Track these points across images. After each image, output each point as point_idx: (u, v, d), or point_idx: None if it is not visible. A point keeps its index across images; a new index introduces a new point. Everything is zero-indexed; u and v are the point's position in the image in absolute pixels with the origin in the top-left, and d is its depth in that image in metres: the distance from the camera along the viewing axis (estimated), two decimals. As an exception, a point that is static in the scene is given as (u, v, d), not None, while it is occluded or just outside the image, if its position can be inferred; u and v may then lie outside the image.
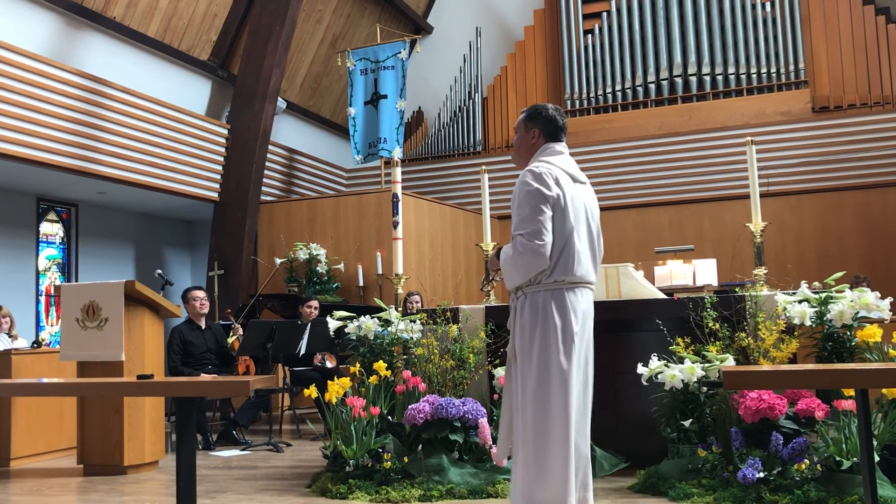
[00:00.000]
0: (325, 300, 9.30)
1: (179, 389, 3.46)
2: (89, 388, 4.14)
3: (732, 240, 9.79)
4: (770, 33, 11.44)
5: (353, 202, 10.34)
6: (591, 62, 12.27)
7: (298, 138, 12.37)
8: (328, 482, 4.81)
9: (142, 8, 9.19)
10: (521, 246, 3.28)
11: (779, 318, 4.66)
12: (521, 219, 3.33)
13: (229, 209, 10.25)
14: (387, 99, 10.68)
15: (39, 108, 7.76)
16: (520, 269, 3.31)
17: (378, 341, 5.35)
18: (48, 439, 6.65)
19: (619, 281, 5.62)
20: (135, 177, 8.98)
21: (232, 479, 5.45)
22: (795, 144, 10.86)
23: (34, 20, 8.13)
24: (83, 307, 5.82)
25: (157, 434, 6.00)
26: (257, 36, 10.10)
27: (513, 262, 3.33)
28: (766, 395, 4.26)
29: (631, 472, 4.83)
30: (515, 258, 3.31)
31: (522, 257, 3.28)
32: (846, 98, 11.15)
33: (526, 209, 3.33)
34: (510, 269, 3.35)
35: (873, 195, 10.40)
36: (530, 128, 3.52)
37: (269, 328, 6.96)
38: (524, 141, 3.54)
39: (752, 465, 4.12)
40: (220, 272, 10.01)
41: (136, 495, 5.05)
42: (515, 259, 3.31)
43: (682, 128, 11.59)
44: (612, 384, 5.30)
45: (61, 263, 9.99)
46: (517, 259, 3.30)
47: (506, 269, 3.38)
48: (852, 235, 10.44)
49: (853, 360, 4.53)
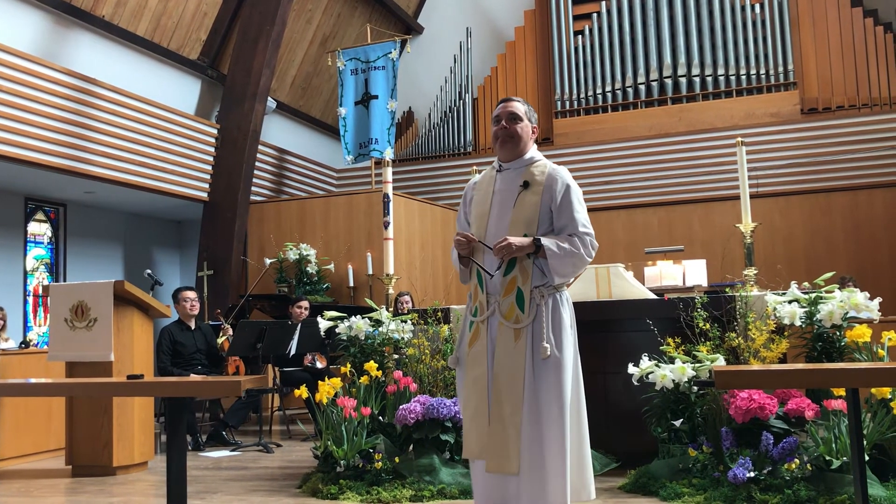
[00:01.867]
0: (316, 300, 9.28)
1: (169, 390, 3.44)
2: (78, 388, 4.11)
3: (722, 240, 9.83)
4: (759, 35, 11.50)
5: (344, 202, 10.32)
6: (581, 63, 12.29)
7: (288, 138, 12.34)
8: (319, 483, 4.80)
9: (131, 7, 9.15)
10: (592, 246, 3.32)
11: (769, 319, 4.67)
12: (585, 217, 3.35)
13: (219, 209, 10.21)
14: (377, 99, 10.67)
15: (28, 107, 7.71)
16: (579, 267, 3.32)
17: (369, 342, 5.34)
18: (36, 440, 6.60)
19: (609, 281, 5.64)
20: (124, 176, 8.94)
21: (222, 480, 5.43)
22: (784, 146, 10.91)
23: (23, 19, 8.08)
24: (72, 307, 5.78)
25: (146, 435, 5.97)
26: (247, 35, 10.07)
27: (580, 259, 3.28)
28: (757, 395, 4.28)
29: (622, 472, 4.84)
30: (584, 256, 3.28)
31: (590, 257, 3.31)
32: (835, 100, 11.21)
33: (583, 210, 3.37)
34: (569, 266, 3.27)
35: (860, 196, 10.46)
36: (533, 121, 3.50)
37: (259, 328, 6.93)
38: (528, 130, 3.47)
39: (742, 465, 4.13)
40: (210, 272, 9.98)
41: (124, 496, 5.02)
42: (584, 257, 3.28)
43: (672, 129, 11.63)
44: (602, 384, 5.32)
45: (49, 263, 9.93)
46: (585, 258, 3.29)
47: (564, 264, 3.25)
48: (840, 236, 10.50)
49: (843, 359, 4.55)
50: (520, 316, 3.25)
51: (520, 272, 3.28)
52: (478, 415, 3.27)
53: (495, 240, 3.29)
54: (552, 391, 3.18)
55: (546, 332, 3.21)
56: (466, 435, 3.31)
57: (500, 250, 3.23)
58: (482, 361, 3.30)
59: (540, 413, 3.17)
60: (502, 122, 3.43)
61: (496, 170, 3.51)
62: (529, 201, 3.34)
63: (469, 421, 3.31)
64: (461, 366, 3.43)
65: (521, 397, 3.19)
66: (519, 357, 3.21)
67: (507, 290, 3.29)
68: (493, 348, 3.29)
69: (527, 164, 3.44)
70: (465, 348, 3.39)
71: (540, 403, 3.18)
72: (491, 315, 3.32)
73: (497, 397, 3.23)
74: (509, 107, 3.46)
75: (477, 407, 3.28)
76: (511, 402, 3.20)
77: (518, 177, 3.41)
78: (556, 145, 12.10)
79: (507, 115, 3.43)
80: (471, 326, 3.39)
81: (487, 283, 3.33)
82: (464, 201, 3.62)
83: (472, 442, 3.28)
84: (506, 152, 3.44)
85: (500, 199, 3.41)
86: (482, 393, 3.27)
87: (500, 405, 3.22)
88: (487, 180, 3.52)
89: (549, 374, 3.19)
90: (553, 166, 3.41)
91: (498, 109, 3.48)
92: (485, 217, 3.41)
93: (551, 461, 3.14)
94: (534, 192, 3.34)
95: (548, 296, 3.27)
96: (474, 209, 3.50)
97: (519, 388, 3.20)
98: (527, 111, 3.47)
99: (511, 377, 3.21)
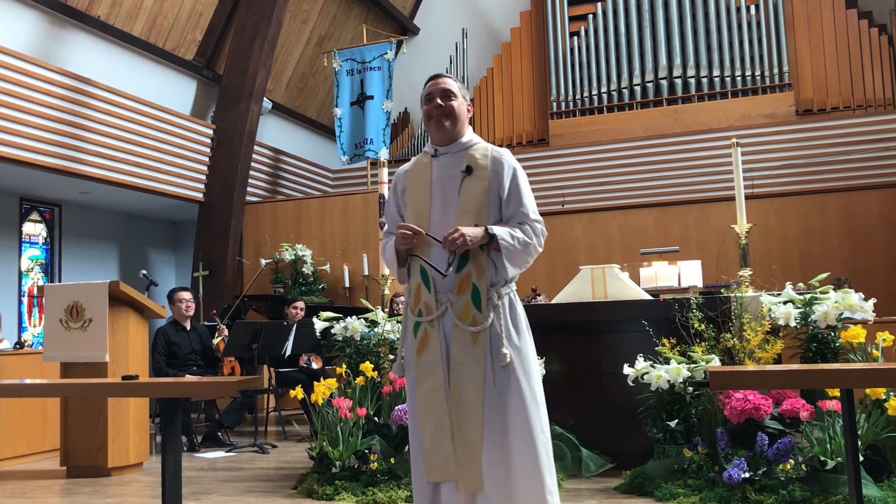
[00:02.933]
0: (311, 301, 9.27)
1: (164, 390, 3.43)
2: (73, 389, 4.10)
3: (717, 241, 9.84)
4: (755, 37, 11.53)
5: (339, 203, 10.32)
6: (576, 64, 12.31)
7: (284, 139, 12.33)
8: (314, 483, 4.79)
9: (126, 7, 9.13)
10: (543, 235, 3.00)
11: (764, 319, 4.68)
12: (534, 204, 3.05)
13: (214, 210, 10.20)
14: (373, 100, 10.66)
15: (23, 107, 7.69)
16: (531, 257, 2.98)
17: (364, 342, 5.34)
18: (31, 441, 6.59)
19: (605, 282, 5.64)
20: (119, 177, 8.92)
21: (217, 481, 5.42)
22: (779, 147, 10.94)
23: (18, 19, 8.06)
24: (67, 308, 5.77)
25: (141, 435, 5.96)
26: (243, 36, 10.07)
27: (533, 249, 2.96)
28: (752, 396, 4.28)
29: (617, 472, 4.84)
30: (536, 246, 2.97)
31: (541, 247, 2.99)
32: (829, 101, 11.25)
33: (531, 196, 3.05)
34: (522, 256, 2.94)
35: (855, 197, 10.48)
36: (467, 99, 3.14)
37: (255, 329, 6.93)
38: (464, 109, 3.09)
39: (737, 466, 4.14)
40: (205, 273, 9.97)
41: (120, 497, 5.01)
42: (536, 247, 2.97)
43: (668, 130, 11.64)
44: (598, 385, 5.32)
45: (44, 264, 9.91)
46: (537, 248, 2.98)
47: (518, 255, 2.92)
48: (835, 237, 10.52)
49: (837, 360, 4.56)
50: (477, 317, 2.89)
51: (474, 267, 2.92)
52: (440, 430, 2.90)
53: (441, 232, 2.90)
54: (515, 401, 2.86)
55: (504, 335, 2.89)
56: (429, 454, 2.92)
57: (452, 243, 2.83)
58: (436, 369, 2.92)
59: (507, 428, 2.85)
60: (436, 100, 3.04)
61: (431, 155, 3.12)
62: (476, 188, 2.98)
63: (430, 438, 2.92)
64: (409, 375, 3.03)
65: (479, 407, 2.86)
66: (479, 364, 2.87)
67: (461, 287, 2.92)
68: (447, 354, 2.92)
69: (466, 147, 3.07)
70: (413, 355, 2.99)
71: (505, 417, 2.85)
72: (442, 315, 2.94)
73: (459, 409, 2.88)
74: (441, 83, 3.08)
75: (438, 421, 2.91)
76: (474, 414, 2.86)
77: (458, 161, 3.03)
78: (551, 146, 12.10)
79: (440, 91, 3.05)
80: (416, 329, 3.00)
81: (436, 281, 2.95)
82: (393, 192, 3.20)
83: (436, 462, 2.90)
84: (443, 134, 3.05)
85: (441, 187, 3.03)
86: (440, 405, 2.90)
87: (463, 418, 2.87)
88: (421, 168, 3.12)
89: (510, 381, 2.87)
90: (495, 149, 3.07)
91: (428, 87, 3.10)
92: (425, 209, 3.02)
93: (524, 479, 2.83)
94: (479, 177, 2.98)
95: (504, 296, 2.95)
96: (410, 201, 3.09)
97: (478, 398, 2.86)
98: (460, 87, 3.11)
99: (469, 386, 2.88)
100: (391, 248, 3.05)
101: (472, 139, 3.10)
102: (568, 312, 5.39)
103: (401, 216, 3.14)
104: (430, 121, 3.07)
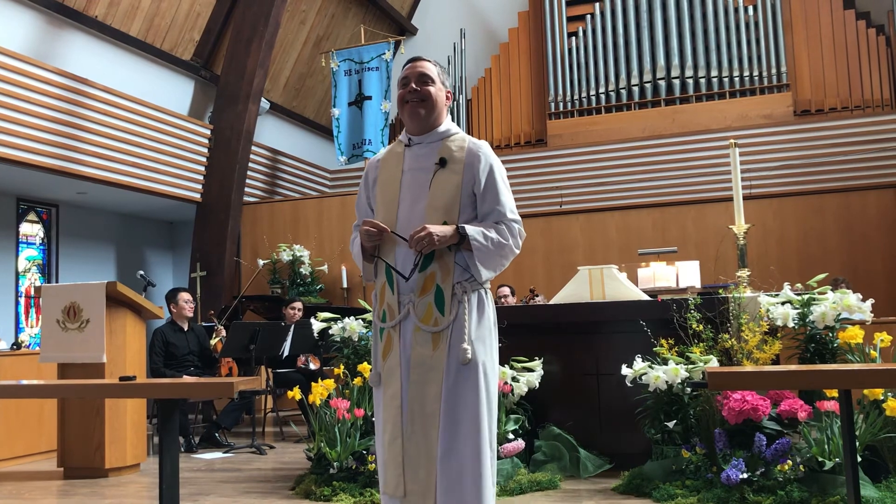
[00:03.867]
0: (309, 302, 9.26)
1: (162, 391, 3.42)
2: (70, 389, 4.09)
3: (715, 242, 9.84)
4: (753, 37, 11.54)
5: (337, 203, 10.31)
6: (575, 65, 12.31)
7: (282, 139, 12.32)
8: (312, 484, 4.79)
9: (124, 7, 9.12)
10: (521, 235, 2.81)
11: (762, 320, 4.68)
12: (512, 202, 2.84)
13: (212, 210, 10.19)
14: (371, 100, 10.65)
15: (20, 107, 7.68)
16: (506, 259, 2.78)
17: (362, 343, 5.34)
18: (28, 442, 6.57)
19: (602, 282, 5.64)
20: (116, 177, 8.91)
21: (215, 482, 5.41)
22: (777, 147, 10.94)
23: (15, 19, 8.05)
24: (64, 308, 5.76)
25: (138, 436, 5.95)
26: (240, 36, 10.06)
27: (509, 251, 2.77)
28: (750, 397, 4.28)
29: (615, 473, 4.84)
30: (513, 247, 2.78)
31: (518, 248, 2.79)
32: (827, 102, 11.26)
33: (509, 193, 2.84)
34: (497, 259, 2.75)
35: (853, 198, 10.48)
36: (447, 85, 2.92)
37: (253, 330, 6.92)
38: (442, 96, 2.87)
39: (735, 466, 4.14)
40: (203, 273, 9.95)
41: (117, 498, 5.00)
42: (513, 248, 2.78)
43: (666, 130, 11.64)
44: (596, 385, 5.32)
45: (41, 264, 9.89)
46: (514, 249, 2.78)
47: (492, 257, 2.72)
48: (833, 238, 10.52)
49: (835, 361, 4.56)
50: (438, 318, 2.70)
51: (440, 268, 2.72)
52: (394, 442, 2.71)
53: (409, 229, 2.71)
54: (469, 403, 2.66)
55: (468, 332, 2.68)
56: (385, 467, 2.74)
57: (418, 242, 2.63)
58: (396, 377, 2.73)
59: (457, 429, 2.65)
60: (411, 85, 2.83)
61: (405, 144, 2.91)
62: (448, 182, 2.76)
63: (386, 449, 2.74)
64: (378, 384, 2.84)
65: (436, 413, 2.66)
66: (437, 366, 2.68)
67: (424, 288, 2.72)
68: (407, 359, 2.73)
69: (442, 138, 2.85)
70: (380, 362, 2.81)
71: (457, 417, 2.65)
72: (404, 319, 2.75)
73: (411, 417, 2.69)
74: (419, 66, 2.86)
75: (392, 432, 2.71)
76: (427, 425, 2.67)
77: (432, 152, 2.82)
78: (549, 146, 12.10)
79: (416, 75, 2.84)
80: (381, 334, 2.82)
81: (399, 281, 2.76)
82: (364, 183, 2.98)
83: (390, 476, 2.71)
84: (417, 122, 2.83)
85: (412, 179, 2.82)
86: (397, 416, 2.71)
87: (416, 431, 2.68)
88: (394, 158, 2.90)
89: (468, 381, 2.67)
90: (473, 140, 2.85)
91: (405, 70, 2.89)
92: (394, 202, 2.81)
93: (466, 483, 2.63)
94: (452, 170, 2.77)
95: (471, 291, 2.74)
96: (380, 193, 2.88)
97: (436, 403, 2.67)
98: (439, 73, 2.88)
99: (427, 391, 2.68)
100: (358, 245, 2.87)
101: (449, 129, 2.88)
102: (566, 313, 5.39)
103: (371, 209, 2.94)
104: (404, 106, 2.85)
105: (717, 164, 10.96)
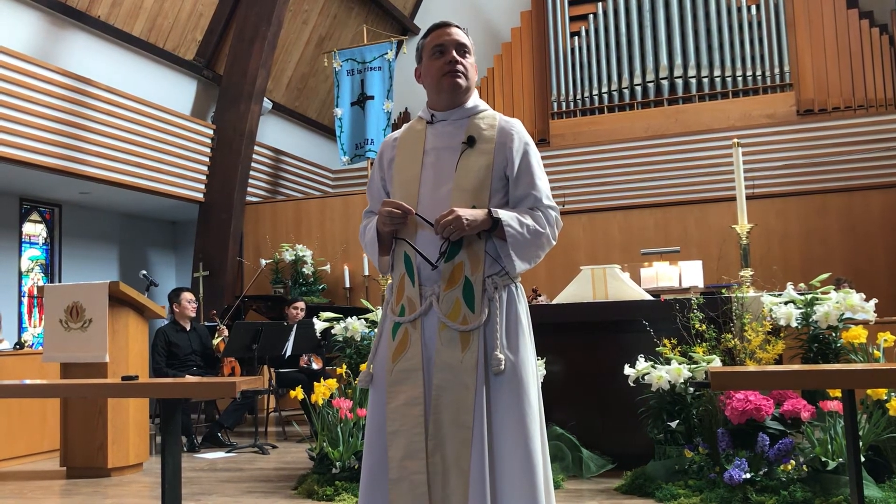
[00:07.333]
0: (312, 301, 9.27)
1: (164, 391, 3.42)
2: (73, 389, 4.10)
3: (718, 242, 9.82)
4: (755, 36, 11.53)
5: (340, 203, 10.32)
6: (577, 64, 12.30)
7: (284, 139, 12.32)
8: (314, 484, 4.79)
9: (126, 7, 9.13)
10: (558, 224, 2.50)
11: (765, 320, 4.67)
12: (548, 187, 2.54)
13: (214, 210, 10.20)
14: (374, 100, 10.64)
15: (23, 107, 7.69)
16: (543, 250, 2.47)
17: (365, 342, 5.34)
18: (30, 441, 6.58)
19: (605, 282, 5.64)
20: (119, 177, 8.92)
21: (217, 482, 5.41)
22: (780, 147, 10.92)
23: (18, 19, 8.06)
24: (67, 308, 5.77)
25: (141, 436, 5.96)
26: (243, 36, 10.06)
27: (546, 240, 2.46)
28: (753, 396, 4.28)
29: (618, 473, 4.83)
30: (550, 237, 2.47)
31: (555, 239, 2.49)
32: (830, 101, 11.25)
33: (545, 177, 2.53)
34: (533, 249, 2.44)
35: (856, 198, 10.46)
36: None
37: (255, 329, 6.92)
38: (475, 71, 2.58)
39: (738, 466, 4.13)
40: (205, 273, 9.96)
41: (119, 498, 5.00)
42: (550, 238, 2.47)
43: (669, 130, 11.63)
44: (598, 385, 5.31)
45: (44, 264, 9.90)
46: (551, 239, 2.48)
47: (528, 247, 2.41)
48: (836, 237, 10.50)
49: (838, 361, 4.56)
50: (468, 315, 2.36)
51: (468, 258, 2.39)
52: (412, 457, 2.33)
53: (432, 213, 2.38)
54: (513, 420, 2.32)
55: (500, 337, 2.36)
56: (397, 484, 2.35)
57: (446, 226, 2.32)
58: (416, 380, 2.37)
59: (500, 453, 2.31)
60: (452, 54, 2.50)
61: (427, 121, 2.58)
62: (477, 163, 2.44)
63: (398, 466, 2.35)
64: (376, 387, 2.49)
65: (469, 431, 2.29)
66: (468, 373, 2.33)
67: (451, 280, 2.38)
68: (429, 361, 2.38)
69: (469, 114, 2.54)
70: (387, 362, 2.46)
71: (498, 439, 2.31)
72: (425, 314, 2.41)
73: (438, 432, 2.32)
74: (455, 34, 2.54)
75: (409, 446, 2.34)
76: (458, 438, 2.30)
77: (458, 131, 2.51)
78: (552, 146, 12.09)
79: (455, 44, 2.52)
80: (395, 331, 2.46)
81: (422, 271, 2.43)
82: (379, 163, 2.65)
83: (405, 493, 2.33)
84: (457, 95, 2.52)
85: (435, 159, 2.50)
86: (416, 423, 2.34)
87: (443, 444, 2.32)
88: (414, 136, 2.57)
89: (507, 395, 2.33)
90: (505, 118, 2.55)
91: (437, 37, 2.54)
92: (414, 183, 2.48)
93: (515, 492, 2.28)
94: (482, 150, 2.45)
95: (502, 287, 2.42)
96: (397, 174, 2.55)
97: (468, 419, 2.30)
98: (471, 43, 2.59)
99: (459, 402, 2.32)
100: (372, 231, 2.52)
101: (477, 105, 2.57)
102: (569, 313, 5.39)
103: (386, 193, 2.60)
104: (442, 78, 2.50)
105: (719, 164, 10.95)
